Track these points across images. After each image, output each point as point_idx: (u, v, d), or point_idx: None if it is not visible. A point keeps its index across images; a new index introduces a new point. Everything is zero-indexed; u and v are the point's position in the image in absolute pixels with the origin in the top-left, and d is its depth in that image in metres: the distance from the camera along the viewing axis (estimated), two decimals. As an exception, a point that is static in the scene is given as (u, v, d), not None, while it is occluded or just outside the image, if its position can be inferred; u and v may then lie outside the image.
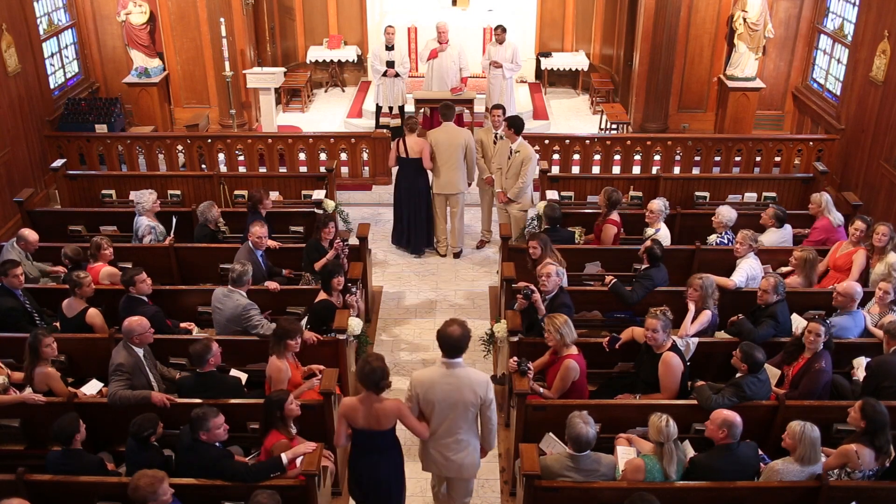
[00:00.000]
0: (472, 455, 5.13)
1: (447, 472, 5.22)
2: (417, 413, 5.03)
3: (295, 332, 5.82)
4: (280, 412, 5.28)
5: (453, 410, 4.95)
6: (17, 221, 9.03)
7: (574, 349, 5.79)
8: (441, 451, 5.08)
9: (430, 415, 5.00)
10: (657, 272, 6.95)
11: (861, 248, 7.21)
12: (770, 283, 6.30)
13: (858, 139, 10.17)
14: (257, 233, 7.19)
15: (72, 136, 10.58)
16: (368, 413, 4.90)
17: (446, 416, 4.97)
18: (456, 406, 4.93)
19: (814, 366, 5.77)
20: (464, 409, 4.95)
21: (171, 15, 11.84)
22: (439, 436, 5.04)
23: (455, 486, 5.35)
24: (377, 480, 5.10)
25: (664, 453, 4.96)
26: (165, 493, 4.56)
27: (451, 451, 5.06)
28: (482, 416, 5.07)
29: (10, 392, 5.84)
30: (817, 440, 4.94)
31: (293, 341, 5.81)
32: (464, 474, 5.22)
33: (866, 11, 10.14)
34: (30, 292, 6.94)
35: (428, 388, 4.94)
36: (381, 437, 4.99)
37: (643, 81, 11.95)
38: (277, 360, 5.80)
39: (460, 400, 4.92)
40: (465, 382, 4.92)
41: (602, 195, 7.97)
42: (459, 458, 5.09)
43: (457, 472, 5.19)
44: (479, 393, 4.93)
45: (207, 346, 5.69)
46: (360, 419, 4.92)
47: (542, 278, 6.32)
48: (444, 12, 13.57)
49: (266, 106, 11.72)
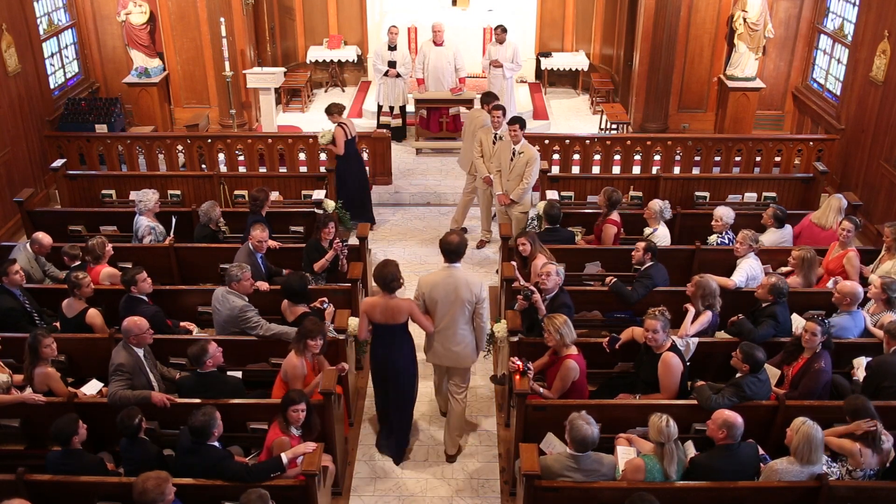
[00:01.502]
0: (468, 347, 6.09)
1: (448, 362, 6.16)
2: (424, 310, 6.02)
3: (316, 332, 5.80)
4: (286, 410, 5.29)
5: (453, 307, 5.89)
6: (17, 221, 9.05)
7: (574, 349, 5.80)
8: (443, 342, 6.05)
9: (433, 311, 5.98)
10: (657, 271, 6.95)
11: (851, 249, 7.19)
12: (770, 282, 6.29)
13: (858, 139, 10.17)
14: (258, 237, 7.16)
15: (72, 136, 10.58)
16: (385, 309, 5.92)
17: (447, 312, 5.92)
18: (455, 303, 5.88)
19: (813, 366, 5.77)
20: (461, 305, 5.90)
21: (171, 15, 11.85)
22: (441, 329, 6.00)
23: (455, 374, 6.26)
24: (394, 365, 6.08)
25: (665, 453, 4.96)
26: (170, 493, 4.59)
27: (452, 343, 6.02)
28: (475, 316, 6.00)
29: (11, 392, 5.84)
30: (815, 438, 4.93)
31: (313, 342, 5.80)
32: (462, 363, 6.17)
33: (866, 11, 10.14)
34: (29, 292, 6.94)
35: (432, 287, 5.93)
36: (395, 329, 5.99)
37: (643, 81, 11.95)
38: (295, 356, 5.82)
39: (458, 297, 5.86)
40: (462, 282, 5.87)
41: (602, 195, 7.97)
42: (458, 349, 6.06)
43: (455, 361, 6.14)
44: (473, 291, 5.89)
45: (204, 349, 5.69)
46: (377, 314, 5.95)
47: (543, 277, 6.33)
48: (444, 12, 13.57)
49: (266, 106, 11.73)
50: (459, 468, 6.46)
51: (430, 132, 11.72)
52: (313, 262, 7.37)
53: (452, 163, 11.45)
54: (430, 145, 11.81)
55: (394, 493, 6.20)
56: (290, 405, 5.28)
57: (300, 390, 5.51)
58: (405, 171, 11.24)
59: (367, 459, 6.53)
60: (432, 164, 11.52)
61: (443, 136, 11.74)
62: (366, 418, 6.98)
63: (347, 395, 6.60)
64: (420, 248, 9.73)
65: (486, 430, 6.85)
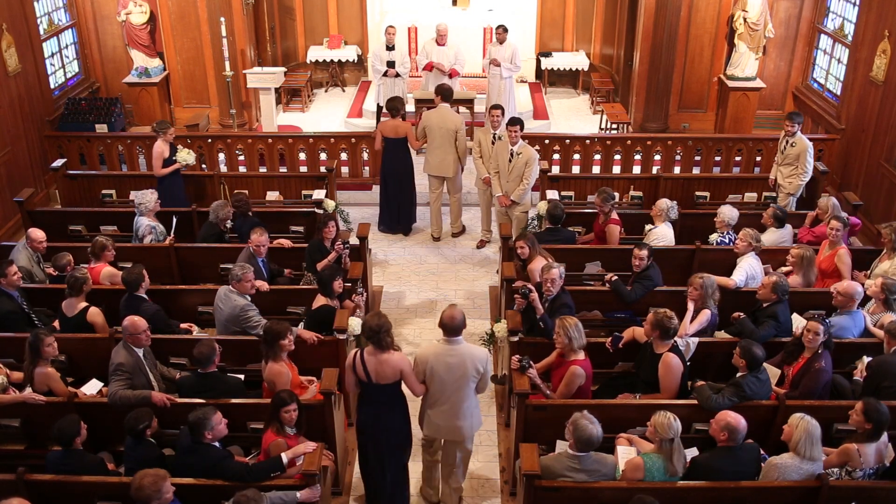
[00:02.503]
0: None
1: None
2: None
3: (284, 330, 5.72)
4: (278, 412, 5.28)
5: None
6: (18, 221, 9.04)
7: (581, 354, 5.76)
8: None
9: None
10: (655, 272, 6.96)
11: (841, 247, 7.18)
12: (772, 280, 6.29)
13: (859, 139, 10.17)
14: (256, 241, 7.12)
15: (72, 136, 10.59)
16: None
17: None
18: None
19: (814, 365, 5.77)
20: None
21: (172, 15, 11.85)
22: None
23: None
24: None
25: (674, 449, 4.94)
26: (168, 492, 4.57)
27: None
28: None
29: (9, 392, 5.84)
30: (814, 433, 4.93)
31: (285, 340, 5.72)
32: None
33: (866, 11, 10.13)
34: (25, 292, 6.92)
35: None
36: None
37: (643, 81, 11.95)
38: (275, 363, 5.76)
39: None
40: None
41: (598, 197, 7.90)
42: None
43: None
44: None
45: (213, 348, 5.68)
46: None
47: (548, 284, 6.32)
48: (444, 12, 13.58)
49: (266, 106, 11.73)
50: (459, 468, 6.44)
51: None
52: (316, 262, 7.36)
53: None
54: (430, 145, 11.80)
55: (394, 493, 6.18)
56: (282, 406, 5.26)
57: (289, 390, 5.47)
58: (405, 171, 11.23)
59: (367, 459, 6.51)
60: (432, 164, 11.50)
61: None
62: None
63: (347, 395, 6.60)
64: (420, 247, 9.73)
65: (487, 430, 6.84)
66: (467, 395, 5.52)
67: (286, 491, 5.02)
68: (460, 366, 5.41)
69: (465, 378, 5.45)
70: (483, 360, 5.49)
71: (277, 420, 5.29)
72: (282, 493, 5.01)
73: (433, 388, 5.49)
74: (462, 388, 5.46)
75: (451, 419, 5.56)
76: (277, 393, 5.38)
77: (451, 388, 5.45)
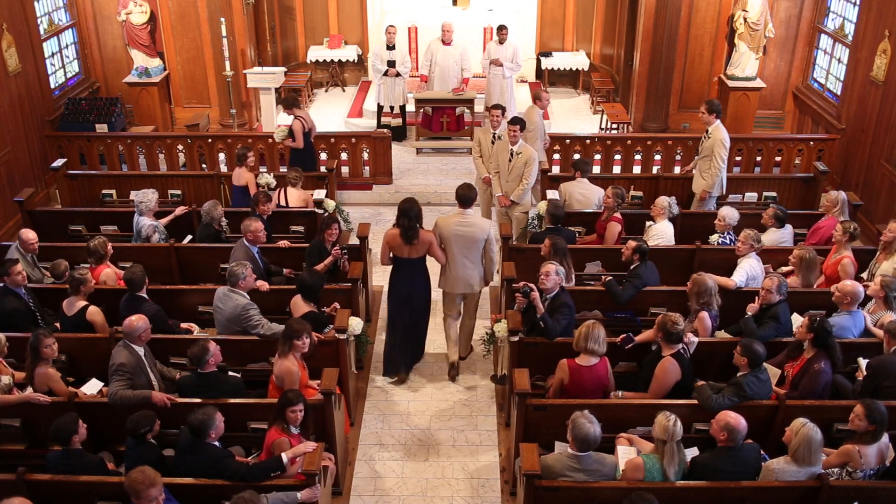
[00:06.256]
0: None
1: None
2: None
3: (301, 331, 5.78)
4: (284, 411, 5.29)
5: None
6: (18, 221, 9.04)
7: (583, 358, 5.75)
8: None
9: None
10: (646, 271, 6.95)
11: (846, 255, 7.16)
12: (773, 282, 6.29)
13: (859, 139, 10.17)
14: (252, 227, 7.10)
15: (72, 136, 10.59)
16: None
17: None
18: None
19: (813, 366, 5.76)
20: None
21: (172, 15, 11.86)
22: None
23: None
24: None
25: (665, 452, 4.95)
26: (157, 497, 4.53)
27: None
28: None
29: (13, 392, 5.84)
30: (814, 440, 4.92)
31: (300, 341, 5.77)
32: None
33: (867, 11, 10.14)
34: (33, 291, 6.94)
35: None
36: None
37: (643, 81, 11.95)
38: (286, 360, 5.78)
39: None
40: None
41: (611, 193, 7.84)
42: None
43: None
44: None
45: (205, 348, 5.68)
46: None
47: (542, 277, 6.33)
48: (444, 12, 13.58)
49: (266, 106, 11.74)
50: (459, 468, 6.45)
51: (431, 132, 11.72)
52: (314, 264, 7.34)
53: (453, 162, 11.48)
54: (430, 145, 11.81)
55: (394, 493, 6.20)
56: (289, 406, 5.26)
57: (296, 390, 5.48)
58: (405, 171, 11.25)
59: (367, 459, 6.53)
60: (432, 164, 11.52)
61: (443, 135, 11.74)
62: (366, 417, 6.98)
63: (348, 396, 6.61)
64: (420, 247, 9.74)
65: (487, 430, 6.84)
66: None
67: (286, 491, 5.03)
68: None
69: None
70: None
71: (283, 419, 5.30)
72: (282, 493, 5.01)
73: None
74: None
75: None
76: (285, 392, 5.39)
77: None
